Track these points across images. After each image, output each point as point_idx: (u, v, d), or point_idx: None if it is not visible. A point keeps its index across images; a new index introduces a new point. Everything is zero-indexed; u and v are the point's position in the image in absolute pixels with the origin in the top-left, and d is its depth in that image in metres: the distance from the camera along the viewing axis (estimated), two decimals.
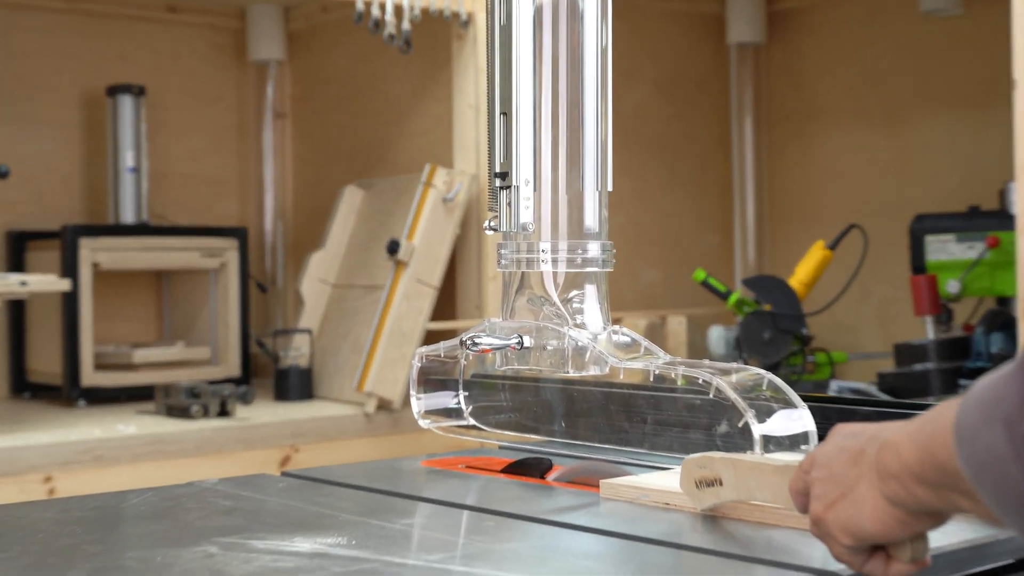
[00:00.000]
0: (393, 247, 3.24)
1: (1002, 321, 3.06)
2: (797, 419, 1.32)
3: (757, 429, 1.30)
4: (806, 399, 1.35)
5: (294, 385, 3.42)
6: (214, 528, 1.25)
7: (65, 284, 3.03)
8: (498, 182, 1.45)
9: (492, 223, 1.46)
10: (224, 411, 3.08)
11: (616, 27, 1.49)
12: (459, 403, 1.68)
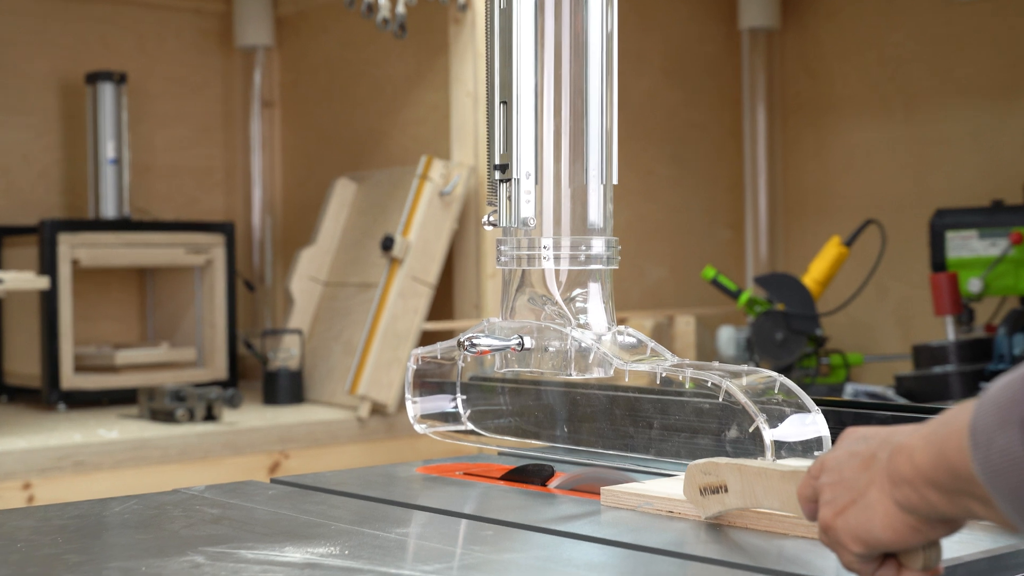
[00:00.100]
0: (387, 243, 3.24)
1: None
2: (810, 424, 1.33)
3: (768, 434, 1.31)
4: (820, 403, 1.36)
5: (284, 388, 3.43)
6: (201, 537, 1.25)
7: (43, 282, 3.03)
8: (498, 175, 1.46)
9: (491, 218, 1.47)
10: (210, 415, 3.08)
11: (622, 10, 1.49)
12: (456, 407, 1.68)
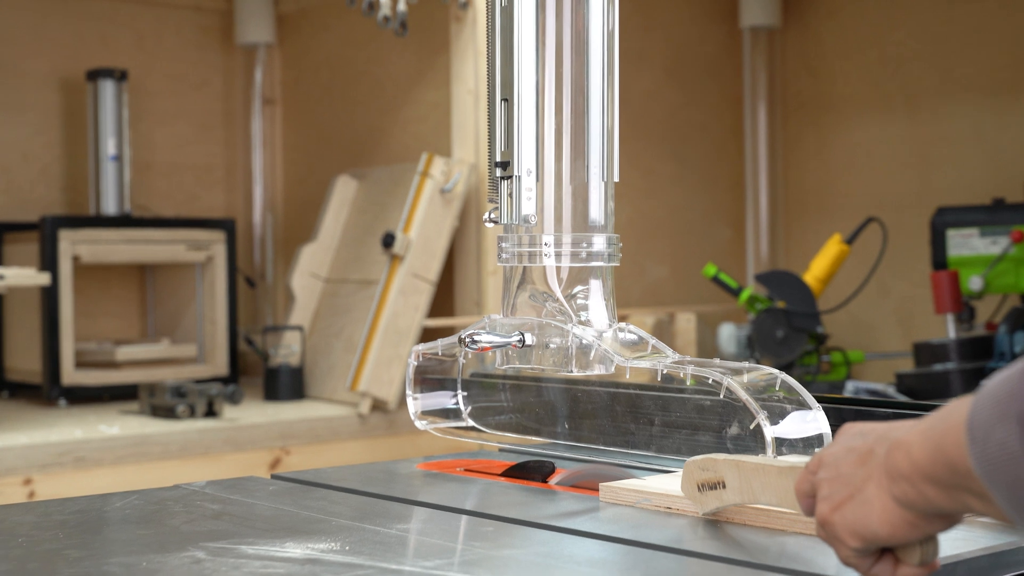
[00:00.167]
0: (388, 240, 3.24)
1: None
2: (811, 421, 1.33)
3: (770, 431, 1.31)
4: (821, 400, 1.36)
5: (284, 384, 3.43)
6: (201, 533, 1.26)
7: (44, 278, 3.04)
8: (499, 172, 1.46)
9: (492, 215, 1.47)
10: (211, 411, 3.08)
11: (623, 9, 1.50)
12: (457, 403, 1.69)
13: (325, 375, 3.45)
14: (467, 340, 1.47)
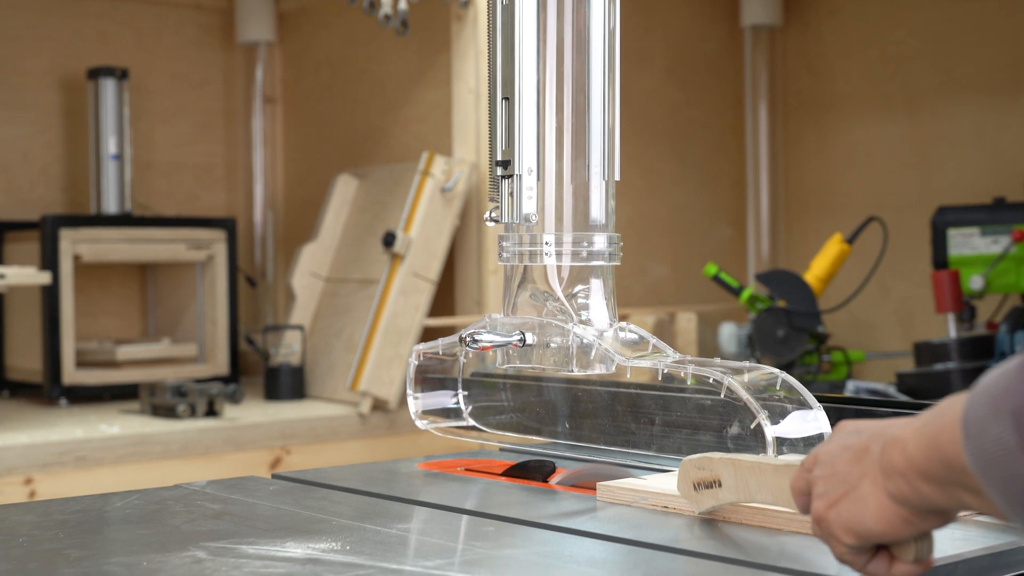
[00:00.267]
0: (389, 239, 3.24)
1: None
2: (812, 420, 1.33)
3: (770, 431, 1.31)
4: (821, 400, 1.36)
5: (285, 384, 3.43)
6: (202, 532, 1.26)
7: (45, 277, 3.04)
8: (500, 171, 1.46)
9: (493, 214, 1.47)
10: (212, 411, 3.08)
11: (624, 8, 1.50)
12: (458, 403, 1.69)
13: (326, 375, 3.45)
14: (468, 339, 1.47)
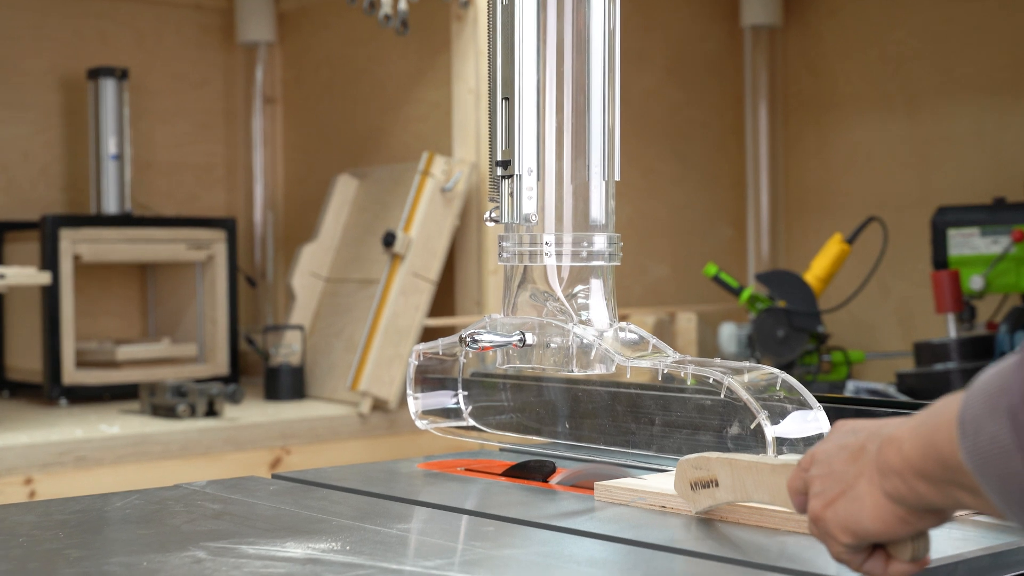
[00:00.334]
0: (389, 239, 3.24)
1: None
2: (812, 421, 1.33)
3: (770, 431, 1.31)
4: (821, 400, 1.36)
5: (285, 384, 3.43)
6: (202, 533, 1.26)
7: (45, 277, 3.04)
8: (500, 171, 1.46)
9: (493, 214, 1.47)
10: (212, 411, 3.08)
11: (624, 8, 1.50)
12: (458, 403, 1.69)
13: (325, 375, 3.45)
14: (468, 339, 1.47)
